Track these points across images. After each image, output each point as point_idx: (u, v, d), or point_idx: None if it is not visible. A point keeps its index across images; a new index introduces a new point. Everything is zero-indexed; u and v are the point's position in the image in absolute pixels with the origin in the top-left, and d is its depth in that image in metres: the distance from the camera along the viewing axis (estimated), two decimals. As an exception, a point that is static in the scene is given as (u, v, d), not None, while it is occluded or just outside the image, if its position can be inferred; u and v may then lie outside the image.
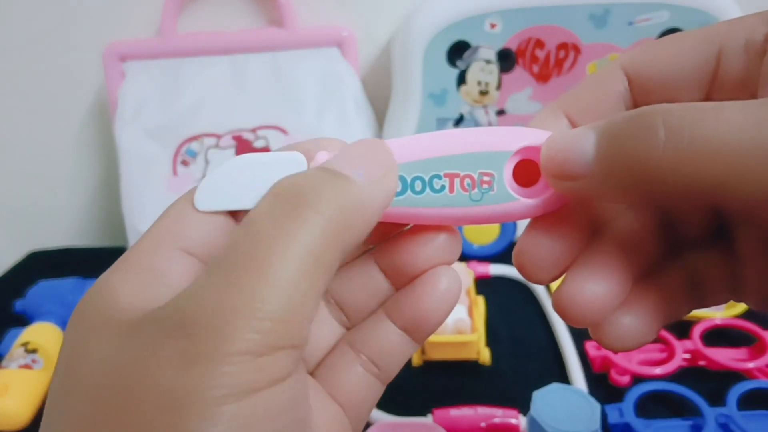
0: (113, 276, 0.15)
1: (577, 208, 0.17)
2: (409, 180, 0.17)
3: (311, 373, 0.19)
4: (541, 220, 0.17)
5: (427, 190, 0.17)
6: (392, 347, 0.18)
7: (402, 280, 0.18)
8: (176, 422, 0.12)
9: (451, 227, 0.18)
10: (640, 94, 0.17)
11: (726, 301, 0.17)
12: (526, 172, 0.17)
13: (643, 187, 0.14)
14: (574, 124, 0.18)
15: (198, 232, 0.16)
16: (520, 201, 0.17)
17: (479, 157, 0.16)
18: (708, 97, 0.17)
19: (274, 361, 0.13)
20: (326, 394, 0.18)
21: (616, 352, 0.17)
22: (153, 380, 0.13)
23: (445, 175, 0.16)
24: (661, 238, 0.17)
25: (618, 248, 0.16)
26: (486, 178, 0.16)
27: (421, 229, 0.18)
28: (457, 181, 0.16)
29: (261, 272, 0.13)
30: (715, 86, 0.16)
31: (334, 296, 0.19)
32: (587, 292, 0.16)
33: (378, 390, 0.19)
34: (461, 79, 0.49)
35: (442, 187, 0.17)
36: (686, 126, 0.13)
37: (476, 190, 0.16)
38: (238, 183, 0.17)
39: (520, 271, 0.17)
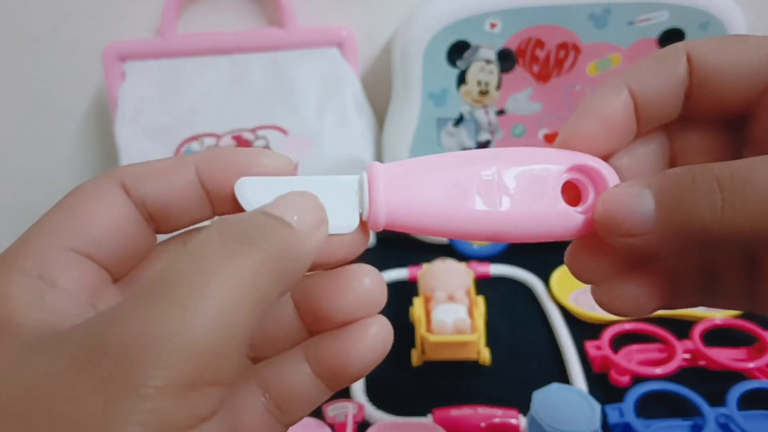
0: (2, 277, 0.14)
1: None
2: None
3: None
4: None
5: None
6: (302, 393, 0.17)
7: (319, 326, 0.17)
8: None
9: (376, 273, 0.17)
10: (697, 83, 0.17)
11: (737, 308, 0.18)
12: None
13: (699, 243, 0.15)
14: (636, 101, 0.18)
15: (97, 230, 0.15)
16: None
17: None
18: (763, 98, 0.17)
19: (199, 398, 0.12)
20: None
21: (614, 314, 0.18)
22: (59, 411, 0.11)
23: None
24: None
25: None
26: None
27: (344, 274, 0.17)
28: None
29: (194, 300, 0.12)
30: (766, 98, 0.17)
31: None
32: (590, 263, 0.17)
33: None
34: (461, 79, 0.49)
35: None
36: (738, 186, 0.14)
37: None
38: None
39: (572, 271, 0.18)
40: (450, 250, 0.52)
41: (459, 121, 0.50)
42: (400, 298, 0.46)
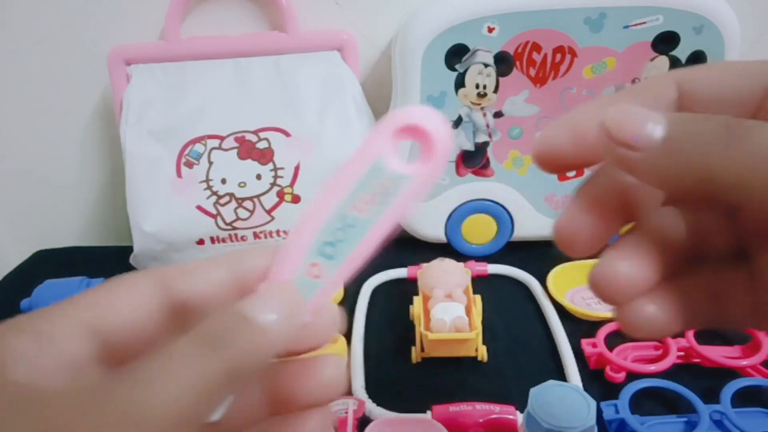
0: (9, 332, 0.15)
1: (614, 192, 0.18)
2: (333, 238, 0.18)
3: None
4: (581, 200, 0.18)
5: (348, 230, 0.18)
6: None
7: (282, 408, 0.19)
8: None
9: (340, 363, 0.18)
10: (686, 107, 0.18)
11: (746, 326, 0.18)
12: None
13: (697, 185, 0.15)
14: None
15: (115, 312, 0.16)
16: (417, 174, 0.18)
17: (365, 180, 0.17)
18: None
19: None
20: None
21: (636, 337, 0.18)
22: None
23: (353, 208, 0.18)
24: (690, 243, 0.18)
25: (650, 240, 0.17)
26: (380, 187, 0.17)
27: (311, 364, 0.18)
28: (363, 205, 0.18)
29: (149, 390, 0.14)
30: (759, 117, 0.17)
31: None
32: (619, 270, 0.17)
33: None
34: (459, 82, 0.50)
35: (355, 219, 0.18)
36: (747, 131, 0.14)
37: (379, 197, 0.18)
38: None
39: (558, 240, 0.18)
40: (449, 249, 0.52)
41: (457, 123, 0.51)
42: (401, 296, 0.47)
